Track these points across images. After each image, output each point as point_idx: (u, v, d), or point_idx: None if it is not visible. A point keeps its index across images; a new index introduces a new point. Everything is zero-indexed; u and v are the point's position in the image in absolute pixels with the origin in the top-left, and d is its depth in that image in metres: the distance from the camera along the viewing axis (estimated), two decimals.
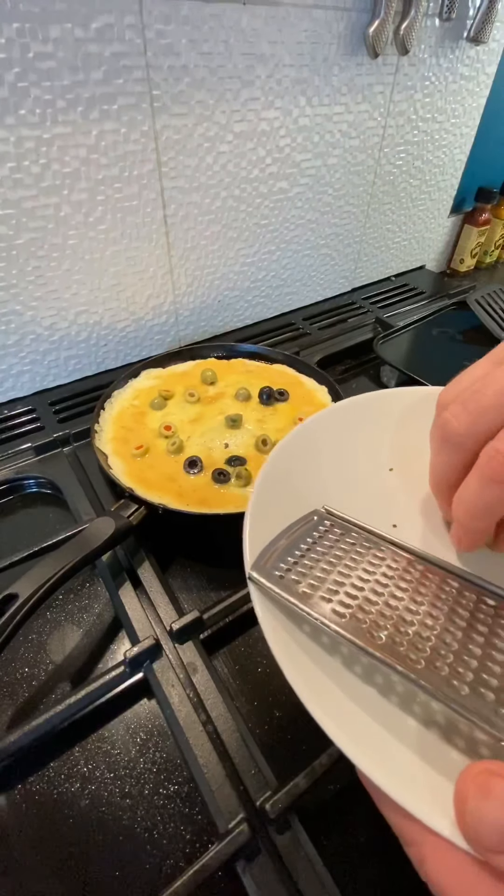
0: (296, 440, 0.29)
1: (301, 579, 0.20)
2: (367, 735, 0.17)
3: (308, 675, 0.18)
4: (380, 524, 0.24)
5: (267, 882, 0.26)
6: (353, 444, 0.31)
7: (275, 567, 0.21)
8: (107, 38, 0.42)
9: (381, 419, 0.32)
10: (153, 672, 0.33)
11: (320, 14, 0.52)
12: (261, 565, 0.21)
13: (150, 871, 0.28)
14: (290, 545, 0.22)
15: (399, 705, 0.19)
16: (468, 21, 0.63)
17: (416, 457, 0.31)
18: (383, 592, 0.20)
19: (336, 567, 0.21)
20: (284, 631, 0.20)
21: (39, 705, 0.34)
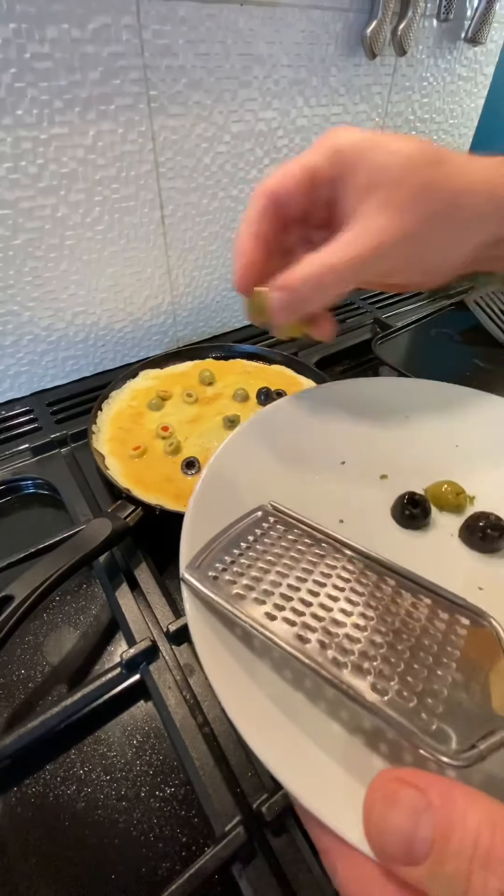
0: (247, 433, 0.29)
1: (236, 580, 0.20)
2: (287, 741, 0.17)
3: (233, 680, 0.18)
4: (326, 520, 0.24)
5: (263, 885, 0.25)
6: (307, 436, 0.31)
7: (210, 567, 0.21)
8: (104, 38, 0.42)
9: (337, 410, 0.33)
10: (150, 674, 0.33)
11: (318, 15, 0.52)
12: (195, 565, 0.21)
13: (147, 874, 0.28)
14: (229, 543, 0.22)
15: (326, 711, 0.18)
16: (466, 22, 0.63)
17: (368, 448, 0.32)
18: (319, 592, 0.20)
19: (274, 567, 0.21)
20: (214, 633, 0.20)
21: (36, 707, 0.34)
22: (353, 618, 0.19)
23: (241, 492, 0.26)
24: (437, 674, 0.17)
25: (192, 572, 0.20)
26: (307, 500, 0.25)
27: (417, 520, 0.29)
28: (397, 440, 0.33)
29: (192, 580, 0.20)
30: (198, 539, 0.22)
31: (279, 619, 0.19)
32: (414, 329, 0.70)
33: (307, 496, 0.26)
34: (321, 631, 0.18)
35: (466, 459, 0.32)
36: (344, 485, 0.30)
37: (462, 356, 0.66)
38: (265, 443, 0.29)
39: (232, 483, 0.26)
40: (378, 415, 0.34)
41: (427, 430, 0.34)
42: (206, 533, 0.22)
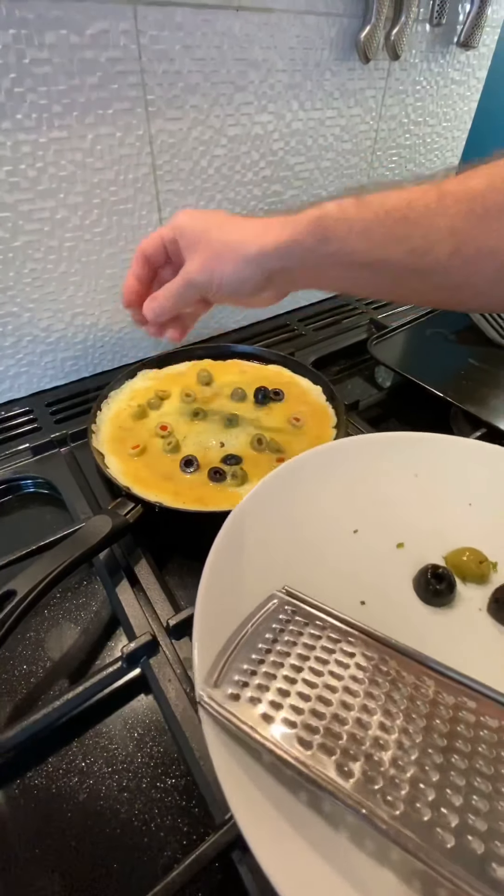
0: (250, 508, 0.27)
1: (260, 696, 0.18)
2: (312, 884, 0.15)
3: (267, 822, 0.16)
4: (347, 600, 0.22)
5: (262, 871, 0.26)
6: (314, 506, 0.29)
7: (229, 681, 0.19)
8: (102, 44, 0.43)
9: (341, 473, 0.31)
10: (150, 667, 0.34)
11: (312, 20, 0.53)
12: (213, 681, 0.19)
13: (148, 863, 0.28)
14: (246, 646, 0.20)
15: (375, 854, 0.16)
16: (458, 26, 0.64)
17: (380, 513, 0.30)
18: (353, 704, 0.18)
19: (300, 673, 0.19)
20: (239, 766, 0.17)
21: (38, 701, 0.34)
22: (397, 734, 0.17)
23: (252, 576, 0.24)
24: (501, 805, 0.14)
25: (211, 691, 0.18)
26: (323, 577, 0.23)
27: (443, 596, 0.27)
28: (408, 502, 0.31)
29: (211, 704, 0.18)
30: (211, 642, 0.20)
31: (315, 746, 0.16)
32: (409, 329, 0.71)
33: (322, 574, 0.25)
34: (364, 758, 0.16)
35: (482, 519, 0.31)
36: (360, 558, 0.28)
37: (457, 355, 0.66)
38: (271, 517, 0.27)
39: (240, 565, 0.24)
40: (385, 474, 0.32)
41: (438, 489, 0.32)
42: (218, 630, 0.20)
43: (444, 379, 0.59)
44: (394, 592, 0.26)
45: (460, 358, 0.65)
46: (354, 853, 0.16)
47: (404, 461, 0.33)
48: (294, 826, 0.16)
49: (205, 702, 0.18)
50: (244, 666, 0.19)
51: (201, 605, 0.21)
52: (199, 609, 0.21)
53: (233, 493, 0.42)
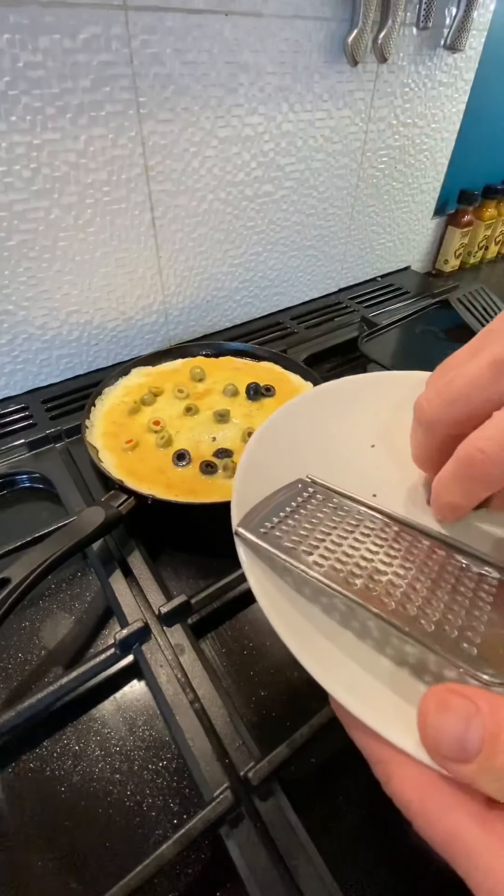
0: (281, 419, 0.31)
1: (284, 535, 0.22)
2: (341, 670, 0.19)
3: (289, 620, 0.20)
4: (361, 493, 0.25)
5: (250, 846, 0.27)
6: (337, 422, 0.32)
7: (260, 525, 0.23)
8: (94, 48, 0.44)
9: (364, 401, 0.34)
10: (142, 654, 0.35)
11: (301, 24, 0.54)
12: (247, 523, 0.23)
13: (140, 841, 0.29)
14: (275, 507, 0.24)
15: (374, 647, 0.20)
16: (444, 30, 0.65)
17: (397, 433, 0.32)
18: (360, 548, 0.22)
19: (318, 526, 0.23)
20: (269, 581, 0.21)
21: (32, 687, 0.35)
22: (394, 568, 0.21)
23: (279, 468, 0.27)
24: (473, 614, 0.19)
25: (245, 527, 0.22)
26: (341, 476, 0.27)
27: None
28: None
29: (245, 533, 0.22)
30: (244, 504, 0.24)
31: (326, 566, 0.20)
32: (400, 327, 0.72)
33: (341, 473, 0.28)
34: (366, 577, 0.20)
35: None
36: (375, 464, 0.31)
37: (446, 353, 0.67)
38: (297, 427, 0.31)
39: (271, 460, 0.28)
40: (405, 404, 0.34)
41: None
42: (251, 500, 0.24)
43: None
44: (403, 489, 0.29)
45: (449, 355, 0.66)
46: (358, 645, 0.20)
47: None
48: (313, 623, 0.21)
49: (241, 533, 0.22)
50: (273, 517, 0.23)
51: (239, 480, 0.25)
52: (237, 479, 0.25)
53: (224, 485, 0.43)
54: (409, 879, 0.28)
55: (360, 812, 0.30)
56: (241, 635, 0.38)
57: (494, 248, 1.02)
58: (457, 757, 0.14)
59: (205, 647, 0.37)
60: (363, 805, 0.30)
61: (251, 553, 0.22)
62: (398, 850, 0.29)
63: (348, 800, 0.30)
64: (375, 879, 0.28)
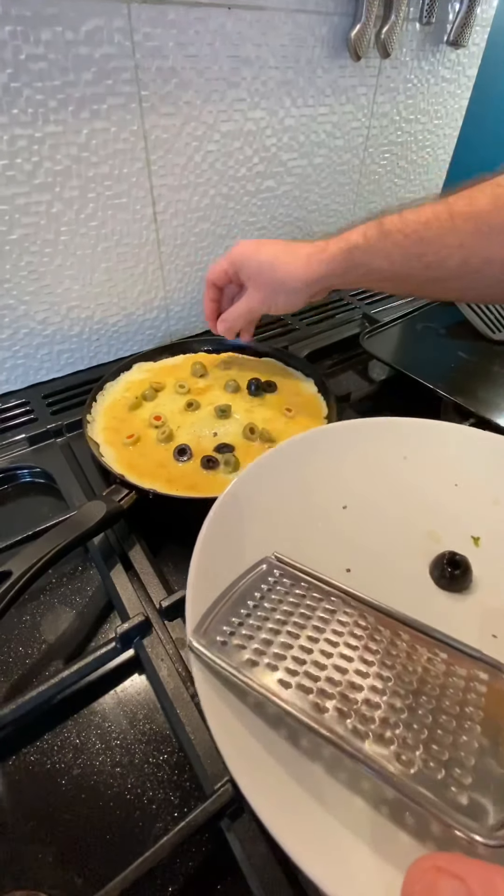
0: (244, 483, 0.29)
1: (245, 644, 0.19)
2: (308, 823, 0.16)
3: (247, 753, 0.18)
4: (333, 569, 0.23)
5: (250, 839, 0.27)
6: (303, 483, 0.31)
7: (217, 631, 0.20)
8: (96, 40, 0.44)
9: (330, 454, 0.32)
10: (143, 648, 0.34)
11: (303, 18, 0.53)
12: (202, 630, 0.20)
13: (140, 834, 0.29)
14: (235, 602, 0.21)
15: (346, 783, 0.18)
16: (448, 25, 0.65)
17: (368, 489, 0.31)
18: (332, 653, 0.19)
19: (284, 626, 0.20)
20: (224, 703, 0.19)
21: (33, 681, 0.35)
22: (371, 679, 0.18)
23: (244, 544, 0.25)
24: (462, 739, 0.16)
25: (200, 638, 0.20)
26: (311, 548, 0.25)
27: (459, 582, 0.27)
28: (396, 482, 0.32)
29: (199, 648, 0.19)
30: (202, 599, 0.21)
31: (294, 686, 0.18)
32: (401, 324, 0.72)
33: (311, 544, 0.26)
34: (339, 697, 0.17)
35: (467, 498, 0.32)
36: (348, 530, 0.29)
37: (448, 349, 0.67)
38: (264, 492, 0.29)
39: (234, 536, 0.25)
40: (375, 456, 0.33)
41: (426, 470, 0.33)
42: (210, 591, 0.22)
43: (434, 372, 0.60)
44: (379, 562, 0.28)
45: (451, 352, 0.66)
46: (328, 782, 0.18)
47: (394, 444, 0.34)
48: (274, 757, 0.18)
49: (194, 646, 0.19)
50: (232, 619, 0.20)
51: (196, 566, 0.23)
52: (192, 570, 0.22)
53: (225, 480, 0.43)
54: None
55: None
56: None
57: None
58: None
59: None
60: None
61: (205, 669, 0.19)
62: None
63: None
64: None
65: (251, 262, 0.47)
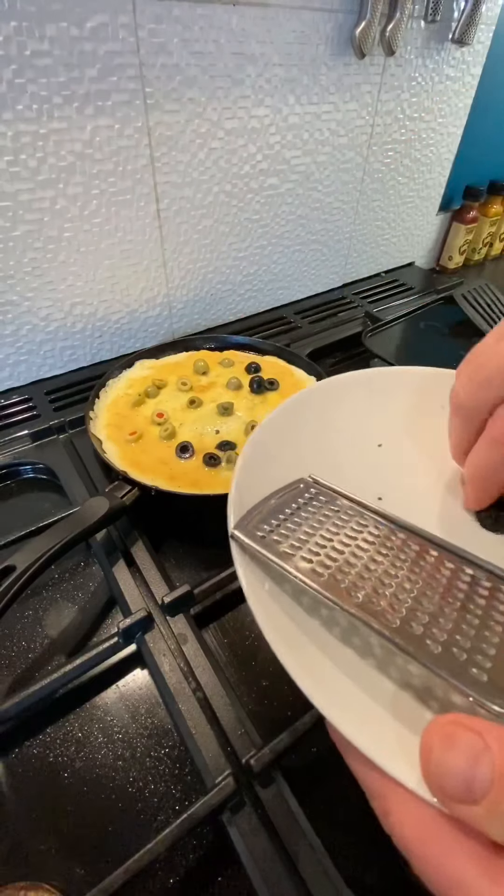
0: (283, 414, 0.29)
1: (283, 540, 0.21)
2: (338, 690, 0.18)
3: (285, 632, 0.19)
4: (366, 496, 0.24)
5: (251, 832, 0.27)
6: (342, 419, 0.31)
7: (257, 528, 0.21)
8: (101, 36, 0.44)
9: (370, 397, 0.32)
10: (145, 643, 0.35)
11: (308, 15, 0.53)
12: (244, 525, 0.22)
13: (142, 827, 0.29)
14: (274, 509, 0.23)
15: (376, 667, 0.19)
16: (453, 23, 0.65)
17: (404, 433, 0.31)
18: (363, 556, 0.20)
19: (318, 531, 0.21)
20: (264, 589, 0.20)
21: (36, 675, 0.35)
22: (399, 579, 0.19)
23: (281, 466, 0.26)
24: (483, 634, 0.17)
25: (241, 530, 0.21)
26: (345, 476, 0.25)
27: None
28: (432, 429, 0.31)
29: (241, 537, 0.21)
30: (243, 505, 0.23)
31: (327, 575, 0.19)
32: (403, 322, 0.72)
33: (345, 473, 0.26)
34: (370, 588, 0.18)
35: None
36: (382, 465, 0.29)
37: (450, 349, 0.67)
38: (301, 423, 0.30)
39: (272, 458, 0.26)
40: (414, 401, 0.33)
41: None
42: (249, 501, 0.23)
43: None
44: (410, 492, 0.28)
45: (453, 351, 0.66)
46: (358, 662, 0.19)
47: (435, 394, 0.32)
48: (310, 636, 0.19)
49: (236, 536, 0.21)
50: (272, 520, 0.22)
51: (238, 477, 0.24)
52: (235, 479, 0.24)
53: (227, 477, 0.43)
54: (409, 865, 0.28)
55: (360, 799, 0.30)
56: (243, 626, 0.38)
57: (499, 244, 1.02)
58: (462, 797, 0.13)
59: (207, 637, 0.37)
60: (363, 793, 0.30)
61: (246, 557, 0.21)
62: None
63: (349, 787, 0.30)
64: (375, 865, 0.28)
65: None
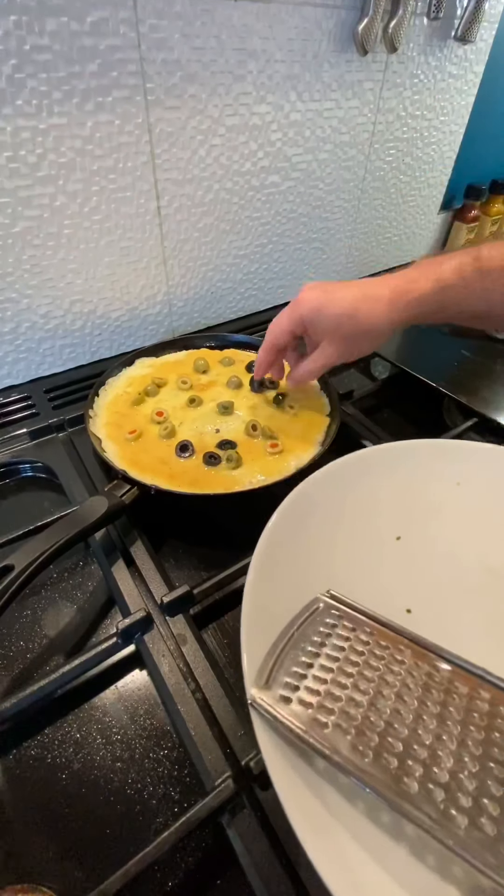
0: (289, 513, 0.27)
1: (311, 699, 0.18)
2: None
3: (320, 830, 0.16)
4: (393, 610, 0.21)
5: (251, 835, 0.27)
6: (353, 511, 0.29)
7: (279, 683, 0.18)
8: (102, 31, 0.43)
9: (377, 480, 0.30)
10: (144, 643, 0.34)
11: (310, 11, 0.53)
12: (262, 682, 0.18)
13: (141, 829, 0.29)
14: (294, 649, 0.20)
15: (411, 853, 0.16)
16: (455, 20, 0.65)
17: (422, 520, 0.29)
18: (408, 715, 0.17)
19: (351, 678, 0.18)
20: (292, 768, 0.17)
21: (34, 675, 0.35)
22: (454, 747, 0.17)
23: (295, 579, 0.23)
24: None
25: (263, 694, 0.18)
26: (366, 584, 0.23)
27: None
28: (451, 511, 0.30)
29: (262, 705, 0.18)
30: (257, 640, 0.20)
31: (371, 755, 0.16)
32: None
33: (365, 580, 0.24)
34: (422, 771, 0.16)
35: None
36: (405, 565, 0.27)
37: (451, 348, 0.67)
38: (311, 523, 0.27)
39: (283, 571, 0.24)
40: (426, 482, 0.31)
41: (480, 498, 0.31)
42: (264, 633, 0.20)
43: (437, 370, 0.60)
44: (442, 603, 0.25)
45: (454, 350, 0.66)
46: (410, 862, 0.16)
47: (446, 469, 0.32)
48: (339, 821, 0.16)
49: (257, 703, 0.18)
50: (293, 668, 0.18)
51: (248, 606, 0.21)
52: (245, 610, 0.21)
53: (227, 476, 0.43)
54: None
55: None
56: None
57: None
58: None
59: (207, 638, 0.37)
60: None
61: (268, 728, 0.17)
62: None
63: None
64: None
65: (327, 318, 0.42)
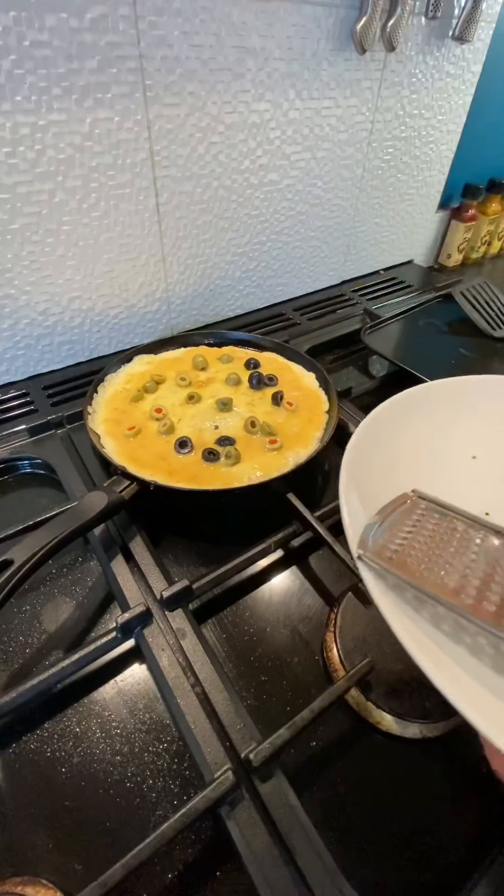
0: (374, 422, 0.29)
1: (412, 559, 0.20)
2: (479, 695, 0.18)
3: (424, 643, 0.19)
4: (472, 511, 0.23)
5: (250, 825, 0.27)
6: (431, 430, 0.30)
7: (384, 548, 0.21)
8: (101, 28, 0.43)
9: (458, 406, 0.32)
10: (144, 637, 0.35)
11: (309, 10, 0.53)
12: (366, 545, 0.21)
13: (140, 821, 0.29)
14: (390, 527, 0.22)
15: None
16: (453, 20, 0.65)
17: (498, 446, 0.31)
18: (494, 574, 0.20)
19: (447, 548, 0.21)
20: (405, 614, 0.20)
21: (34, 670, 0.35)
22: None
23: (380, 478, 0.25)
24: None
25: (368, 552, 0.21)
26: (446, 490, 0.25)
27: None
28: None
29: (371, 558, 0.20)
30: (356, 521, 0.22)
31: (473, 598, 0.19)
32: (402, 319, 0.72)
33: (445, 487, 0.26)
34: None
35: None
36: (481, 478, 0.29)
37: (448, 345, 0.67)
38: (393, 433, 0.29)
39: (369, 469, 0.26)
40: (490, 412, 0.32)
41: None
42: (359, 516, 0.22)
43: (435, 368, 0.60)
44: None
45: (451, 348, 0.67)
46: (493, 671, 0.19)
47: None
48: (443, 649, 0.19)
49: (365, 557, 0.20)
50: (395, 539, 0.21)
51: (345, 476, 0.23)
52: (343, 479, 0.23)
53: (226, 472, 0.43)
54: (405, 859, 0.28)
55: (358, 794, 0.30)
56: (242, 621, 0.38)
57: (497, 243, 1.02)
58: None
59: (206, 632, 0.37)
60: (361, 787, 0.30)
61: (380, 581, 0.20)
62: (395, 830, 0.29)
63: (347, 782, 0.31)
64: (372, 859, 0.28)
65: None
